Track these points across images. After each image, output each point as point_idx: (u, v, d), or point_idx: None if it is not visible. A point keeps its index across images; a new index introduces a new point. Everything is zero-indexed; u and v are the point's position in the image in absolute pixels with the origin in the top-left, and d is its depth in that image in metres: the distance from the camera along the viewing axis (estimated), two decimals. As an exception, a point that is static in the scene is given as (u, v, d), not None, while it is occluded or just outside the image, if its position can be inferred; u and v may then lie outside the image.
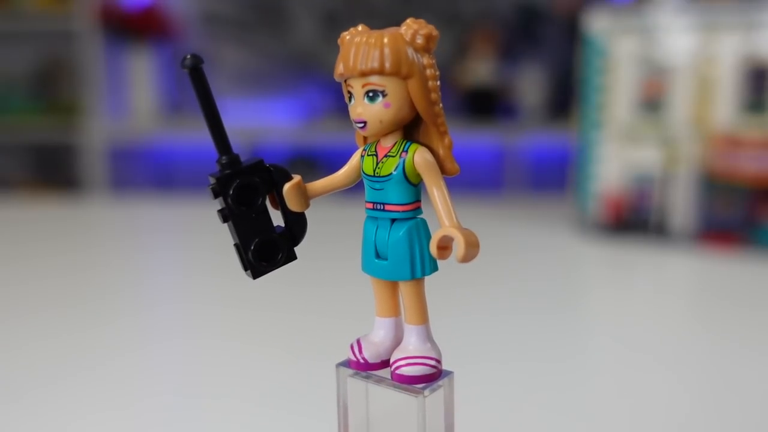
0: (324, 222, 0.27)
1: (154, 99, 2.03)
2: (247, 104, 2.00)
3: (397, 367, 0.26)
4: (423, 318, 0.27)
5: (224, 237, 0.25)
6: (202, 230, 0.95)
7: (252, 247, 0.26)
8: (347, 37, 0.26)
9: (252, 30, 2.11)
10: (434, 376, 0.26)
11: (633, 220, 0.84)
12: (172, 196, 1.48)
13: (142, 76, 2.00)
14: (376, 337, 0.27)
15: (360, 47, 0.25)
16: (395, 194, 0.25)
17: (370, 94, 0.25)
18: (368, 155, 0.26)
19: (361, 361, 0.27)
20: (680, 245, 0.80)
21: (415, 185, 0.26)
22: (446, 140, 0.26)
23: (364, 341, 0.27)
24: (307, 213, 0.28)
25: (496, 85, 1.97)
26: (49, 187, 1.95)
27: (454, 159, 0.26)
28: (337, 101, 1.99)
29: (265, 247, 0.26)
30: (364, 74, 0.25)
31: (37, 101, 1.98)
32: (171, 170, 2.10)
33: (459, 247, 0.24)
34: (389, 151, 0.26)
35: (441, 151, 0.26)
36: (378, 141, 0.26)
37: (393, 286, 0.27)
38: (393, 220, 0.26)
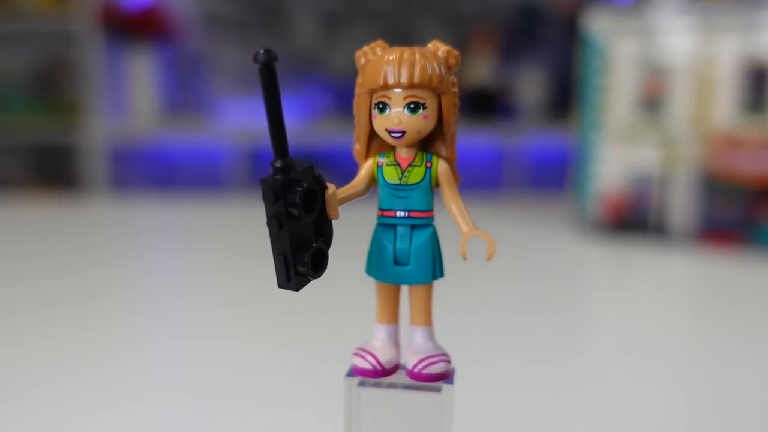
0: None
1: (154, 99, 2.03)
2: (248, 104, 2.00)
3: (424, 367, 0.27)
4: (430, 319, 0.28)
5: (224, 237, 0.25)
6: (203, 230, 0.95)
7: (307, 257, 0.25)
8: (372, 53, 0.27)
9: (252, 30, 2.11)
10: (450, 371, 0.28)
11: (632, 220, 0.84)
12: (172, 196, 1.48)
13: (143, 76, 2.00)
14: (380, 342, 0.28)
15: (406, 61, 0.26)
16: (420, 201, 0.27)
17: (412, 106, 0.26)
18: (388, 165, 0.27)
19: (379, 368, 0.27)
20: (680, 245, 0.81)
21: (432, 193, 0.27)
22: (454, 152, 0.28)
23: (372, 349, 0.27)
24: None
25: (496, 85, 1.97)
26: (49, 187, 1.95)
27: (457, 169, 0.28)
28: (338, 101, 1.99)
29: (317, 256, 0.25)
30: (413, 86, 0.26)
31: (37, 101, 1.98)
32: (171, 170, 2.10)
33: (490, 246, 0.26)
34: (413, 161, 0.27)
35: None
36: (394, 152, 0.27)
37: (397, 292, 0.28)
38: (413, 227, 0.27)
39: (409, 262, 0.27)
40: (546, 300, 0.62)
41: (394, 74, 0.26)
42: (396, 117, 0.26)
